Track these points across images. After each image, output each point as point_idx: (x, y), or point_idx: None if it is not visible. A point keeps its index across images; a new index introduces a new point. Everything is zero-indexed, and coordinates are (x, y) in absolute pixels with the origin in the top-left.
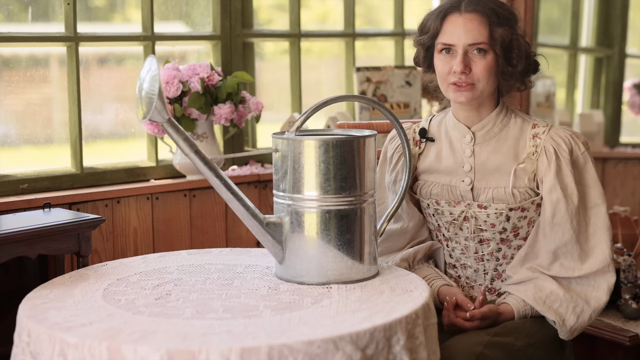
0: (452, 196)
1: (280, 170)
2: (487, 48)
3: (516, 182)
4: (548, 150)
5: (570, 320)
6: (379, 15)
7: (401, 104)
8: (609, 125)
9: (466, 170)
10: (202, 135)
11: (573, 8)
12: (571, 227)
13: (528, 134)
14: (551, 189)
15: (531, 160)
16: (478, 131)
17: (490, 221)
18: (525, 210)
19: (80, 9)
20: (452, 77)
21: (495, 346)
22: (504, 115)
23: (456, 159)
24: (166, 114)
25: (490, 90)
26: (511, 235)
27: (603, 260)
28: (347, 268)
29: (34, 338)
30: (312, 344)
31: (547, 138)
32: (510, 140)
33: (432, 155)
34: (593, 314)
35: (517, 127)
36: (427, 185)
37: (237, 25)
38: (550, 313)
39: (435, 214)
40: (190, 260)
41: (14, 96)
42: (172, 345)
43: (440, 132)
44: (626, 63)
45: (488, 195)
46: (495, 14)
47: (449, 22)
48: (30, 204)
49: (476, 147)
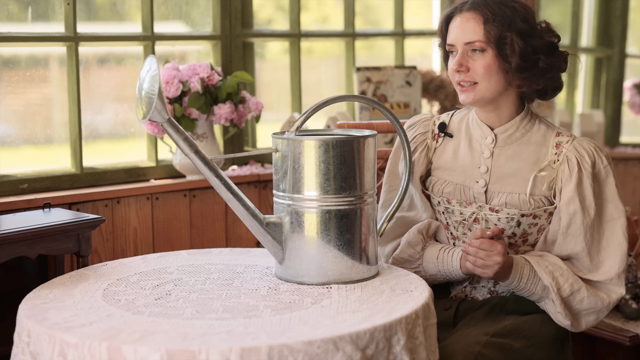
0: (464, 196)
1: (280, 170)
2: (484, 46)
3: (533, 189)
4: (571, 160)
5: (564, 290)
6: (379, 15)
7: (401, 104)
8: (609, 125)
9: (482, 172)
10: (202, 135)
11: (573, 8)
12: (584, 240)
13: (551, 141)
14: (570, 200)
15: (552, 168)
16: (500, 134)
17: (500, 225)
18: (537, 218)
19: (80, 9)
20: (456, 77)
21: (493, 346)
22: (527, 121)
23: (473, 158)
24: (166, 114)
25: (496, 90)
26: (520, 240)
27: (611, 273)
28: (347, 268)
29: (33, 338)
30: (312, 344)
31: (571, 148)
32: (532, 146)
33: (450, 152)
34: (586, 300)
35: (541, 133)
36: (439, 182)
37: (237, 25)
38: (547, 276)
39: (445, 212)
40: (190, 260)
41: (14, 96)
42: (172, 345)
43: (461, 128)
44: (626, 63)
45: (501, 199)
46: (490, 11)
47: (452, 23)
48: (30, 204)
49: (496, 150)
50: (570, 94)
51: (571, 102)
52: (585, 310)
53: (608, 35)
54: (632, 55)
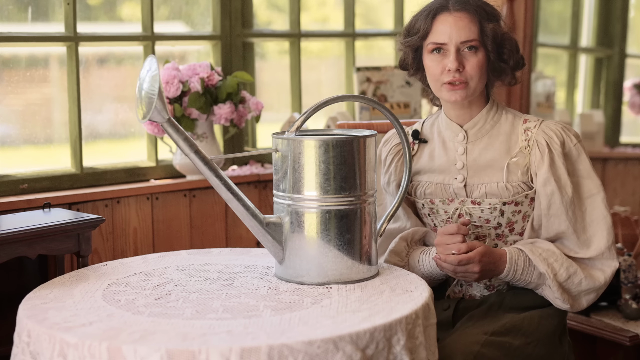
0: (445, 194)
1: (280, 170)
2: (478, 45)
3: (509, 177)
4: (540, 143)
5: (561, 275)
6: (378, 15)
7: (401, 104)
8: (609, 125)
9: (459, 168)
10: (202, 135)
11: (573, 8)
12: (567, 218)
13: (520, 128)
14: (545, 181)
15: (523, 154)
16: (470, 129)
17: (484, 217)
18: (519, 205)
19: (80, 9)
20: (446, 76)
21: (492, 345)
22: (494, 112)
23: (449, 157)
24: (166, 114)
25: (481, 88)
26: (506, 230)
27: (601, 247)
28: (347, 268)
29: (33, 338)
30: (312, 344)
31: (539, 132)
32: (502, 136)
33: (426, 156)
34: (584, 281)
35: (509, 122)
36: (421, 185)
37: (237, 25)
38: (542, 264)
39: (431, 214)
40: (190, 261)
41: (14, 96)
42: (172, 345)
43: (433, 132)
44: (626, 63)
45: (481, 191)
46: (484, 11)
47: (438, 21)
48: (30, 204)
49: (469, 145)
50: (570, 94)
51: (571, 102)
52: (584, 291)
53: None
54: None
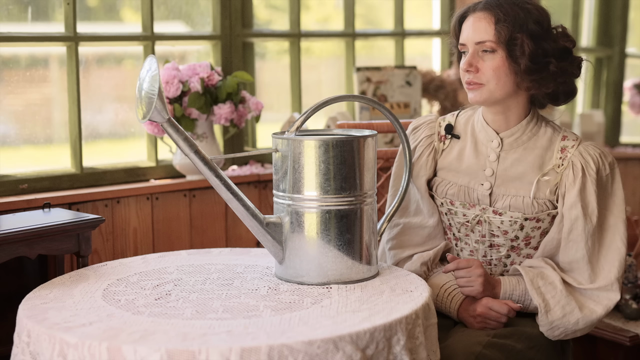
0: (468, 198)
1: (280, 170)
2: (494, 47)
3: (537, 193)
4: (575, 165)
5: (555, 313)
6: (379, 15)
7: (401, 104)
8: (609, 125)
9: (487, 175)
10: (202, 135)
11: (573, 8)
12: (585, 246)
13: (557, 145)
14: (572, 205)
15: (556, 172)
16: (506, 138)
17: (503, 228)
18: (540, 221)
19: (79, 9)
20: (465, 76)
21: (494, 347)
22: (534, 124)
23: (479, 161)
24: (166, 114)
25: (505, 92)
26: (522, 243)
27: (608, 280)
28: (347, 268)
29: (33, 338)
30: (312, 344)
31: (576, 153)
32: (537, 150)
33: (455, 153)
34: (581, 321)
35: (547, 137)
36: (443, 184)
37: (237, 25)
38: (538, 297)
39: (448, 214)
40: (190, 261)
41: (14, 96)
42: (172, 346)
43: (467, 130)
44: (626, 63)
45: (505, 202)
46: (503, 12)
47: (465, 23)
48: (30, 204)
49: (502, 153)
50: None
51: (571, 102)
52: (580, 329)
53: (608, 35)
54: (632, 55)
